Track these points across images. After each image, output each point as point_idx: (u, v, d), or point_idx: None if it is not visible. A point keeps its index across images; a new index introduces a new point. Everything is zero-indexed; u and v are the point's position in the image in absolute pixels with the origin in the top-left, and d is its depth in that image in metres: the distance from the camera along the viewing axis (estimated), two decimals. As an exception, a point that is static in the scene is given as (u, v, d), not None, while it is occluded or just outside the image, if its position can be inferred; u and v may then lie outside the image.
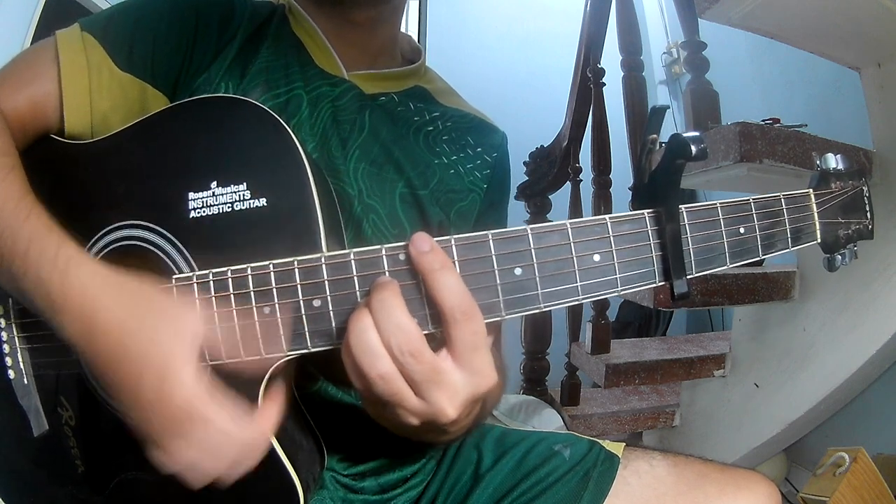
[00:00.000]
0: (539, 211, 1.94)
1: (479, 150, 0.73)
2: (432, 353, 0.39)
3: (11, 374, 0.54)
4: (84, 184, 0.53)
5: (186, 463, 0.41)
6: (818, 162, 0.50)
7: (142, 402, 0.40)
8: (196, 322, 0.42)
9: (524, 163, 1.97)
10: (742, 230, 0.45)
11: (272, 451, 0.45)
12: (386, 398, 0.39)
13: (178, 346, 0.40)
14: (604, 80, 1.70)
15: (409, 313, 0.39)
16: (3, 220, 0.45)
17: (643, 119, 1.51)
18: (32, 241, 0.44)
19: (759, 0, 1.20)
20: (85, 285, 0.42)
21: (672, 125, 2.73)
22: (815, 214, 0.49)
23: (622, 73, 1.58)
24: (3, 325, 0.54)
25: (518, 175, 1.92)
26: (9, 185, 0.47)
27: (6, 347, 0.55)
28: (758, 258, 0.45)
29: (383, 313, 0.38)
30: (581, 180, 1.83)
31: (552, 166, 1.89)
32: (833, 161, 0.50)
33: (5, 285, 0.47)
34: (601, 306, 1.68)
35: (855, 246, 0.51)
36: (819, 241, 0.49)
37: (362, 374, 0.39)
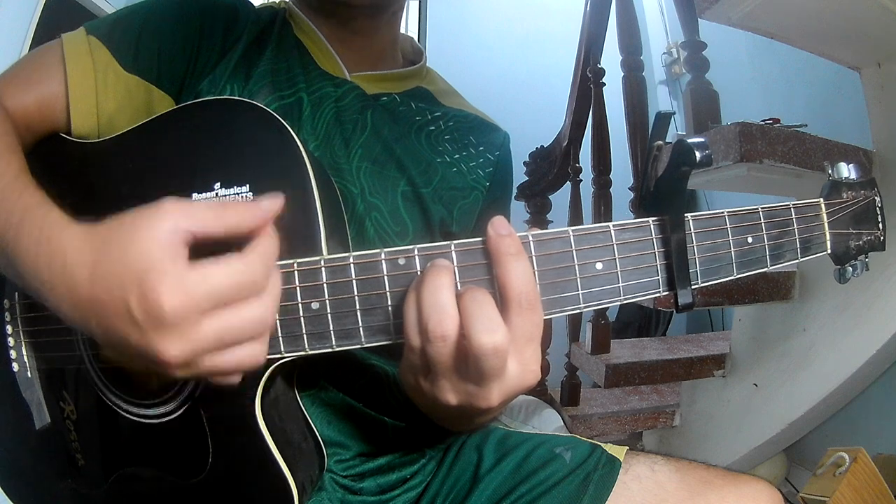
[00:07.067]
0: (539, 211, 1.94)
1: (481, 148, 0.74)
2: None
3: (15, 366, 0.55)
4: (88, 183, 0.53)
5: (217, 343, 0.37)
6: (830, 171, 0.48)
7: (144, 327, 0.35)
8: (168, 219, 0.36)
9: (524, 163, 1.96)
10: (750, 240, 0.44)
11: (269, 453, 0.45)
12: (436, 363, 0.39)
13: (148, 256, 0.35)
14: (604, 80, 1.70)
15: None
16: None
17: (643, 119, 1.51)
18: (24, 218, 0.41)
19: (759, 0, 1.20)
20: (65, 248, 0.38)
21: (672, 126, 2.73)
22: (826, 224, 0.47)
23: (622, 73, 1.57)
24: (8, 318, 0.55)
25: (518, 175, 1.91)
26: (5, 163, 0.46)
27: (11, 341, 0.55)
28: (766, 269, 0.44)
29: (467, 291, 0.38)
30: (581, 180, 1.82)
31: (552, 166, 1.88)
32: (845, 170, 0.48)
33: (3, 267, 0.44)
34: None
35: (866, 257, 0.49)
36: (829, 252, 0.48)
37: (425, 331, 0.38)
